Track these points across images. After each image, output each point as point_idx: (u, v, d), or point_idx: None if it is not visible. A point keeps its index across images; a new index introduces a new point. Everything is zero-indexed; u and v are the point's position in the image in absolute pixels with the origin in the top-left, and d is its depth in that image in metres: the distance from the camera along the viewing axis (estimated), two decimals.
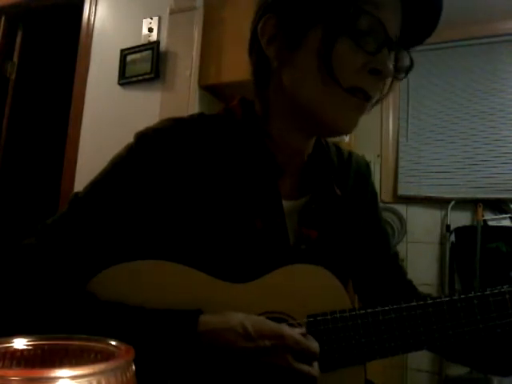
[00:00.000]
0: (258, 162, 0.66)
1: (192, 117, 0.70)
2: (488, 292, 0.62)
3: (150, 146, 0.63)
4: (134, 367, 0.25)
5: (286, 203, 0.68)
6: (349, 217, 0.75)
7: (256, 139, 0.67)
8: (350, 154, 0.80)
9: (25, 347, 0.27)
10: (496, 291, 0.61)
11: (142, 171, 0.62)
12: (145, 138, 0.64)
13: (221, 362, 0.54)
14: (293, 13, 0.62)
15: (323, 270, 0.64)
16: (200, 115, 0.70)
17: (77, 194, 0.65)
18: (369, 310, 0.61)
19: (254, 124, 0.67)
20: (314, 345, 0.57)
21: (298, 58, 0.61)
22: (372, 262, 0.77)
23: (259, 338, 0.54)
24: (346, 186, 0.75)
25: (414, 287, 0.82)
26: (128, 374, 0.24)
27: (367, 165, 0.82)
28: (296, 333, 0.56)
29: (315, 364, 0.57)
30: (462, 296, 0.62)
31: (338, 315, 0.61)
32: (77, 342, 0.28)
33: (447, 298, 0.62)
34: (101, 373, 0.22)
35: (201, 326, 0.54)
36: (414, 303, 0.62)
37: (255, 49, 0.66)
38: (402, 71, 0.64)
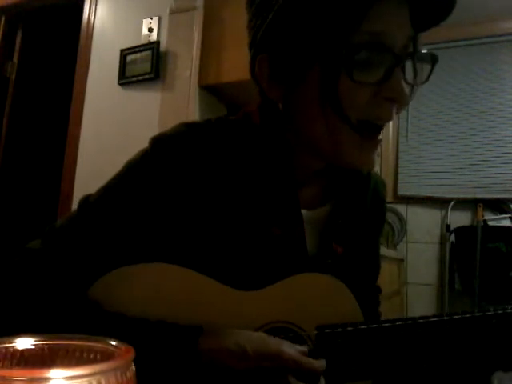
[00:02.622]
0: (276, 171, 0.64)
1: (208, 122, 0.67)
2: (510, 310, 0.60)
3: (166, 152, 0.61)
4: (134, 367, 0.25)
5: (304, 212, 0.66)
6: (366, 235, 0.74)
7: (275, 148, 0.65)
8: (369, 172, 0.77)
9: (25, 347, 0.27)
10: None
11: (157, 177, 0.61)
12: (160, 143, 0.62)
13: (221, 381, 0.53)
14: (285, 53, 0.58)
15: (334, 280, 0.63)
16: (217, 120, 0.67)
17: (87, 197, 0.63)
18: (380, 325, 0.59)
19: (272, 133, 0.65)
20: (317, 364, 0.55)
21: (301, 102, 0.59)
22: (358, 286, 0.72)
23: (258, 359, 0.52)
24: (365, 204, 0.73)
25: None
26: (128, 374, 0.24)
27: (384, 186, 0.80)
28: (297, 352, 0.54)
29: (322, 381, 0.55)
30: (478, 314, 0.60)
31: (349, 328, 0.59)
32: (77, 342, 0.28)
33: (463, 316, 0.60)
34: (101, 373, 0.22)
35: (200, 345, 0.53)
36: (429, 320, 0.60)
37: (259, 90, 0.64)
38: (422, 75, 0.59)
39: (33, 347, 0.27)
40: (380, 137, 0.59)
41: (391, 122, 3.00)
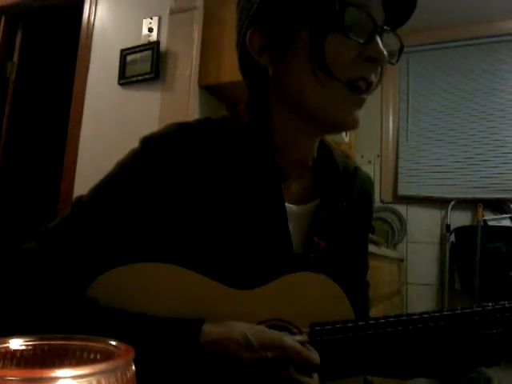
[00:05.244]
0: (260, 167, 0.66)
1: (198, 121, 0.69)
2: (490, 307, 0.61)
3: (156, 151, 0.63)
4: (133, 367, 0.25)
5: (292, 207, 0.68)
6: (351, 231, 0.75)
7: (259, 144, 0.67)
8: (356, 168, 0.79)
9: (25, 347, 0.27)
10: (498, 307, 0.61)
11: (148, 176, 0.62)
12: (150, 143, 0.64)
13: (222, 373, 0.54)
14: (278, 19, 0.62)
15: (327, 279, 0.64)
16: (206, 119, 0.69)
17: (80, 198, 0.64)
18: (371, 322, 0.60)
19: (258, 129, 0.67)
20: (314, 356, 0.56)
21: (291, 63, 0.62)
22: (345, 281, 0.72)
23: (261, 349, 0.53)
24: (351, 200, 0.75)
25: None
26: (128, 374, 0.24)
27: (372, 183, 0.82)
28: (297, 343, 0.55)
29: (315, 375, 0.56)
30: (464, 311, 0.61)
31: (341, 325, 0.60)
32: (77, 342, 0.28)
33: (450, 313, 0.61)
34: (101, 373, 0.22)
35: (203, 336, 0.53)
36: (417, 317, 0.61)
37: (247, 62, 0.67)
38: (393, 55, 0.64)
39: (33, 347, 0.27)
40: (364, 96, 0.62)
41: (391, 122, 3.00)
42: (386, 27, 0.61)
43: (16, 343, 0.27)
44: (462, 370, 0.65)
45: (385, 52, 0.59)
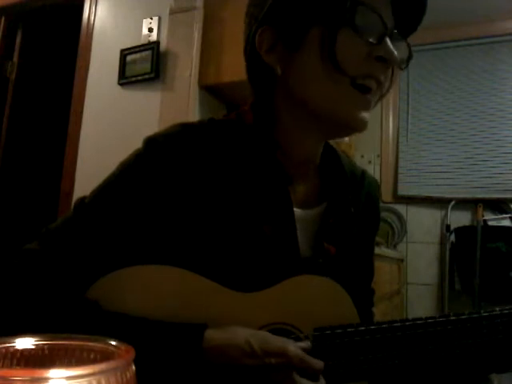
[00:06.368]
0: (266, 168, 0.65)
1: (202, 122, 0.69)
2: (497, 312, 0.60)
3: (159, 152, 0.62)
4: (134, 367, 0.25)
5: (298, 211, 0.67)
6: (359, 237, 0.74)
7: (264, 146, 0.66)
8: (363, 173, 0.79)
9: (25, 347, 0.27)
10: (505, 311, 0.60)
11: (151, 177, 0.61)
12: (154, 144, 0.63)
13: (225, 379, 0.54)
14: (290, 17, 0.62)
15: (332, 282, 0.63)
16: (210, 120, 0.69)
17: (83, 199, 0.64)
18: (377, 326, 0.60)
19: (263, 130, 0.67)
20: (318, 362, 0.56)
21: (301, 61, 0.62)
22: (353, 287, 0.71)
23: (264, 356, 0.53)
24: (359, 205, 0.74)
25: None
26: (128, 374, 0.24)
27: (378, 187, 0.81)
28: (300, 350, 0.55)
29: (321, 380, 0.56)
30: (473, 316, 0.60)
31: (346, 330, 0.59)
32: (77, 342, 0.28)
33: (456, 317, 0.60)
34: (101, 373, 0.22)
35: (205, 341, 0.53)
36: (423, 321, 0.60)
37: (255, 61, 0.66)
38: (402, 61, 0.64)
39: (33, 347, 0.27)
40: (372, 97, 0.62)
41: (391, 122, 3.00)
42: (395, 32, 0.61)
43: (16, 343, 0.27)
44: (472, 378, 0.63)
45: (395, 52, 0.59)
